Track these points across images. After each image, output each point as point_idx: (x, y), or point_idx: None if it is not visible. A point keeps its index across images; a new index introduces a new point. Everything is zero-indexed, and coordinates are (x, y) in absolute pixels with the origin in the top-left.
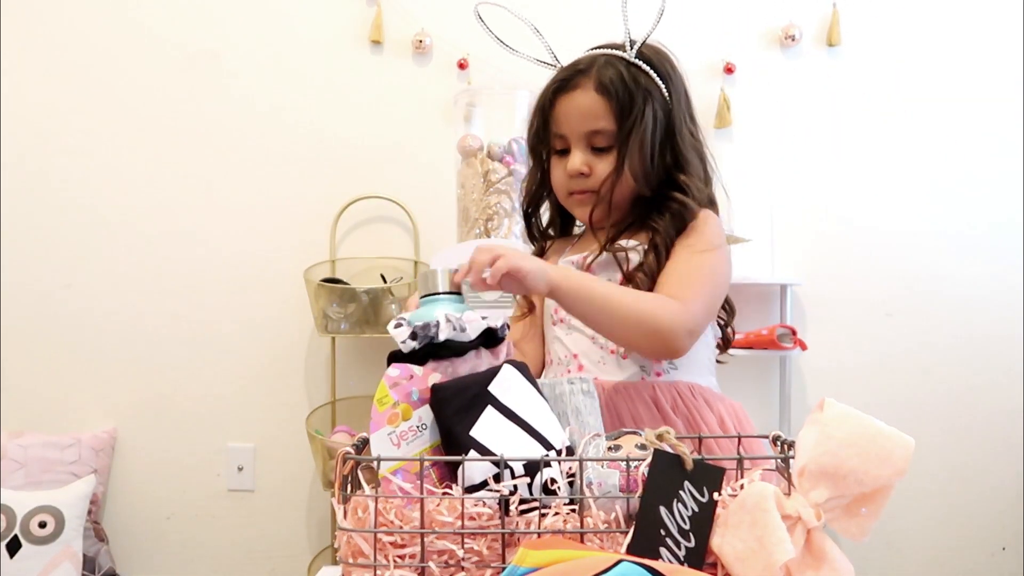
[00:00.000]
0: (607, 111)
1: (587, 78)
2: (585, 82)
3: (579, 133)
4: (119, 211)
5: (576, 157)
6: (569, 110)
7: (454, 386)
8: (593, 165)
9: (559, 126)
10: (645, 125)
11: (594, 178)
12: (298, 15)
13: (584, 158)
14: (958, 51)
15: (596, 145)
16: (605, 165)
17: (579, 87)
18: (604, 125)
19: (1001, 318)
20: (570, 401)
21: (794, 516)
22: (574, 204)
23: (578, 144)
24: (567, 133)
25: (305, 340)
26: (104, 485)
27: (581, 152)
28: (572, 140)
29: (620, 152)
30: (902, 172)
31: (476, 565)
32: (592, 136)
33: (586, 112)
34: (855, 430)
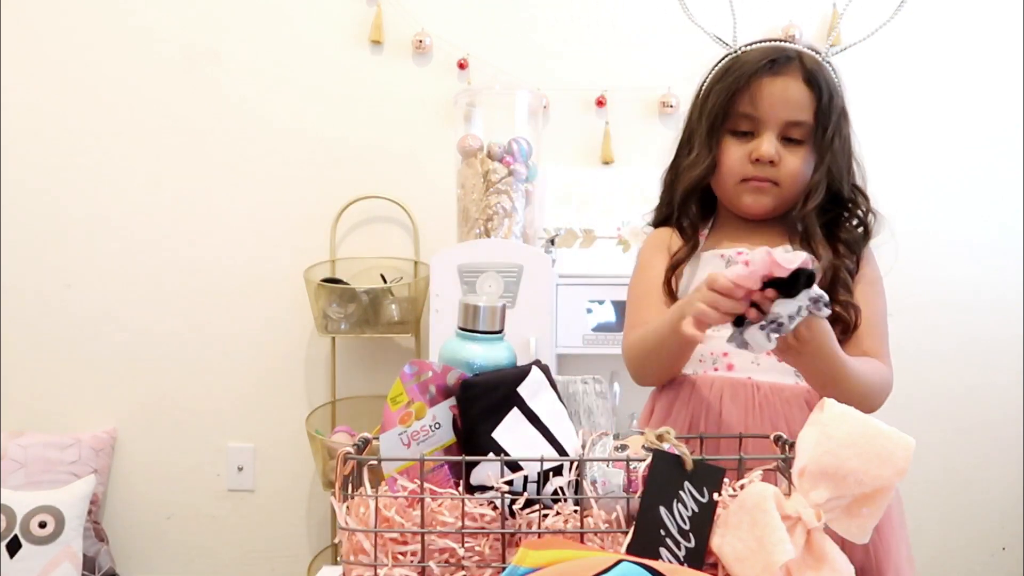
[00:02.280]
0: (810, 105)
1: (794, 65)
2: (793, 69)
3: (778, 119)
4: (119, 211)
5: (768, 142)
6: (773, 93)
7: (484, 384)
8: (783, 156)
9: (754, 107)
10: (849, 127)
11: (780, 171)
12: (298, 15)
13: (776, 146)
14: (958, 51)
15: (790, 136)
16: (794, 159)
17: (787, 73)
18: (804, 118)
19: (1001, 319)
20: (583, 401)
21: (794, 516)
22: (747, 191)
23: (772, 130)
24: (763, 116)
25: (305, 340)
26: (104, 485)
27: (773, 138)
28: (766, 125)
29: (822, 149)
30: (902, 172)
31: (476, 564)
32: (789, 126)
33: (791, 99)
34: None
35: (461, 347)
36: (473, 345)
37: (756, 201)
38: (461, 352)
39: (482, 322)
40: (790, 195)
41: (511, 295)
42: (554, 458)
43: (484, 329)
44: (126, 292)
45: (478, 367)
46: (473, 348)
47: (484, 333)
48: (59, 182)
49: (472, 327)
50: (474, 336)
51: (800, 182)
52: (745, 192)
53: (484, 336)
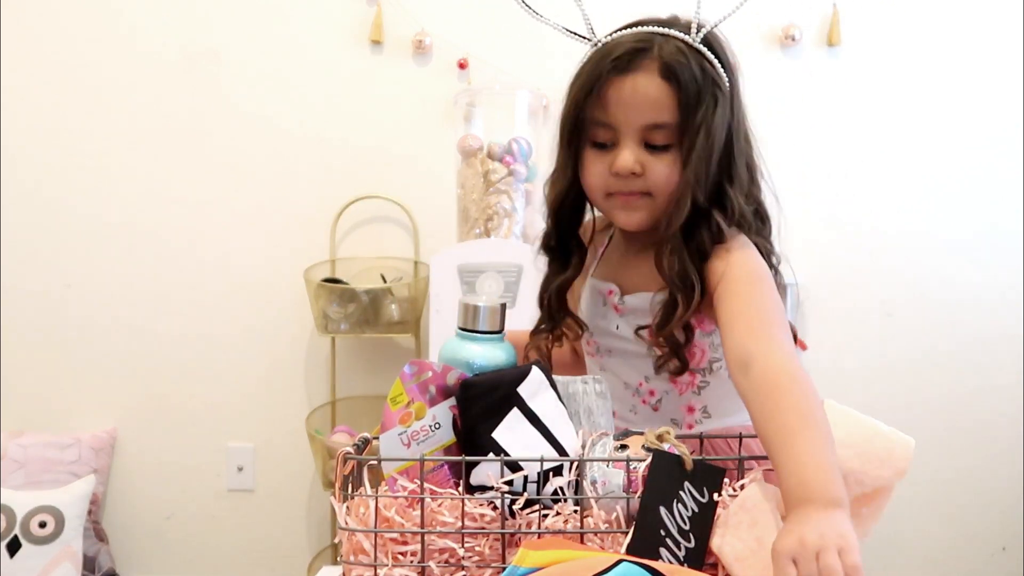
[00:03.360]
0: (671, 102)
1: (650, 60)
2: (648, 64)
3: (635, 125)
4: (119, 211)
5: (627, 154)
6: (625, 96)
7: (484, 384)
8: (647, 165)
9: (608, 114)
10: (716, 124)
11: (647, 181)
12: (298, 15)
13: (637, 155)
14: (958, 51)
15: (653, 142)
16: (661, 166)
17: (640, 69)
18: (666, 119)
19: (1001, 319)
20: (583, 401)
21: None
22: (616, 207)
23: (631, 138)
24: (618, 124)
25: (305, 340)
26: (104, 485)
27: (633, 148)
28: (623, 133)
29: (687, 152)
30: (902, 172)
31: (476, 565)
32: (650, 131)
33: (646, 101)
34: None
35: (461, 347)
36: (473, 345)
37: (628, 217)
38: (461, 352)
39: (482, 322)
40: (666, 204)
41: (511, 295)
42: (554, 458)
43: (484, 329)
44: (126, 292)
45: (478, 367)
46: (473, 348)
47: (484, 333)
48: (59, 182)
49: (472, 327)
50: (474, 336)
51: (671, 189)
52: (615, 208)
53: (484, 336)
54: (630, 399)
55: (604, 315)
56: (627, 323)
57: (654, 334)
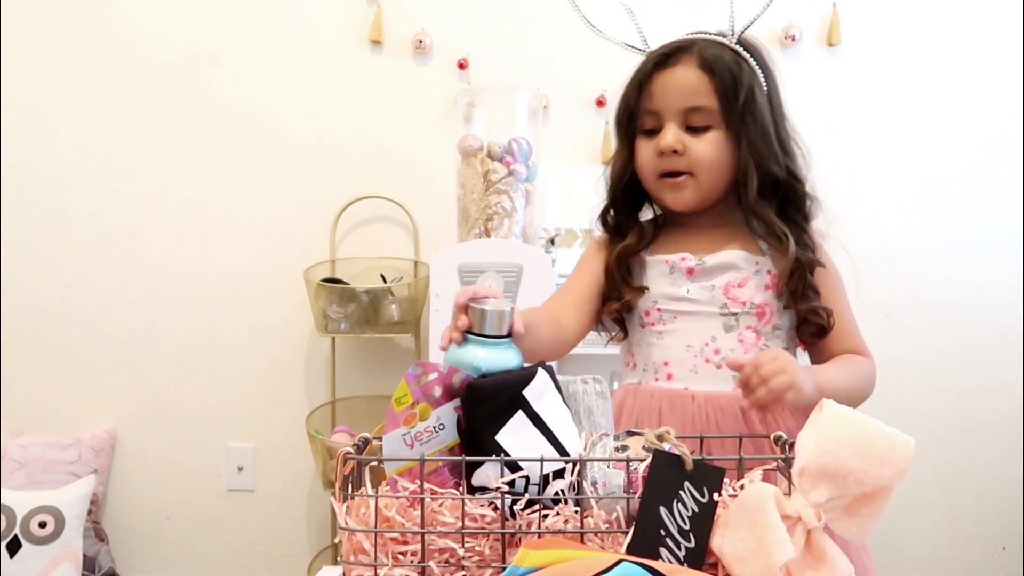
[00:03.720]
0: (709, 88)
1: (689, 55)
2: (687, 58)
3: (675, 109)
4: (119, 211)
5: (669, 133)
6: (667, 85)
7: (490, 386)
8: (688, 144)
9: (652, 102)
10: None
11: (689, 159)
12: (298, 15)
13: (678, 135)
14: (958, 51)
15: (693, 124)
16: (703, 145)
17: (680, 63)
18: (705, 102)
19: (1001, 318)
20: (583, 401)
21: (794, 516)
22: (664, 188)
23: (672, 120)
24: (661, 109)
25: (305, 340)
26: (104, 485)
27: (675, 129)
28: (666, 116)
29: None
30: (902, 172)
31: (476, 565)
32: (689, 113)
33: (685, 87)
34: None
35: (467, 351)
36: (479, 349)
37: (676, 198)
38: (466, 356)
39: (489, 326)
40: (709, 183)
41: (511, 295)
42: (554, 459)
43: (491, 333)
44: (126, 292)
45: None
46: (479, 352)
47: (491, 337)
48: (59, 183)
49: (479, 331)
50: (481, 340)
51: (715, 167)
52: (664, 190)
53: (491, 340)
54: (691, 360)
55: (672, 282)
56: (700, 286)
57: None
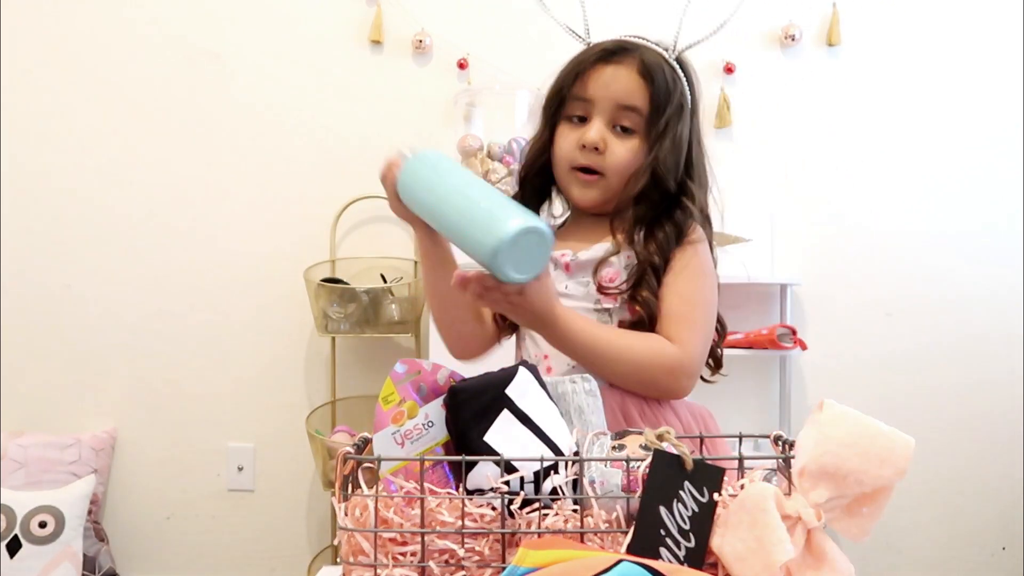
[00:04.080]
0: (644, 94)
1: (632, 57)
2: (630, 60)
3: (609, 103)
4: (119, 211)
5: (595, 128)
6: (606, 78)
7: (471, 389)
8: (610, 145)
9: (587, 90)
10: (683, 120)
11: (606, 160)
12: (298, 15)
13: (602, 132)
14: (958, 51)
15: (621, 123)
16: (623, 148)
17: (623, 62)
18: (637, 103)
19: (1001, 318)
20: (573, 400)
21: (794, 516)
22: (574, 182)
23: (602, 115)
24: (595, 99)
25: (305, 340)
26: (104, 485)
27: (601, 126)
28: (596, 109)
29: (652, 140)
30: (902, 172)
31: (476, 565)
32: (621, 112)
33: (623, 85)
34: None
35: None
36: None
37: (583, 194)
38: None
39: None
40: (617, 187)
41: None
42: (555, 458)
43: None
44: (126, 292)
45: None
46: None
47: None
48: (59, 182)
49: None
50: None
51: (627, 173)
52: (573, 183)
53: None
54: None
55: (555, 278)
56: (576, 282)
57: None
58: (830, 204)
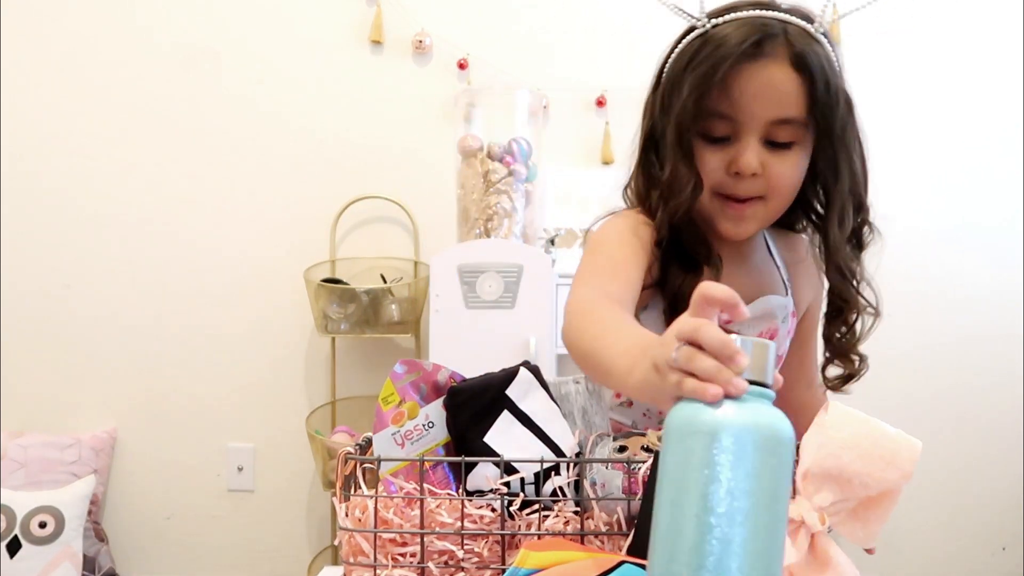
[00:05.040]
0: (801, 96)
1: (781, 46)
2: (779, 50)
3: (761, 120)
4: (119, 211)
5: (751, 153)
6: (755, 87)
7: (471, 389)
8: (768, 164)
9: (730, 105)
10: (858, 125)
11: (767, 181)
12: (298, 15)
13: (760, 154)
14: (958, 50)
15: (775, 139)
16: (784, 167)
17: (770, 56)
18: (795, 114)
19: (1001, 318)
20: (576, 401)
21: (797, 520)
22: (724, 217)
23: (754, 134)
24: (742, 117)
25: (305, 340)
26: (104, 485)
27: (756, 145)
28: (746, 127)
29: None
30: (902, 172)
31: (476, 566)
32: (775, 127)
33: (777, 93)
34: (859, 432)
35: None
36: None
37: (737, 228)
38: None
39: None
40: (777, 212)
41: (511, 295)
42: (555, 459)
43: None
44: (126, 292)
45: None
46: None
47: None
48: (59, 182)
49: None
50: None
51: (792, 194)
52: (722, 216)
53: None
54: None
55: None
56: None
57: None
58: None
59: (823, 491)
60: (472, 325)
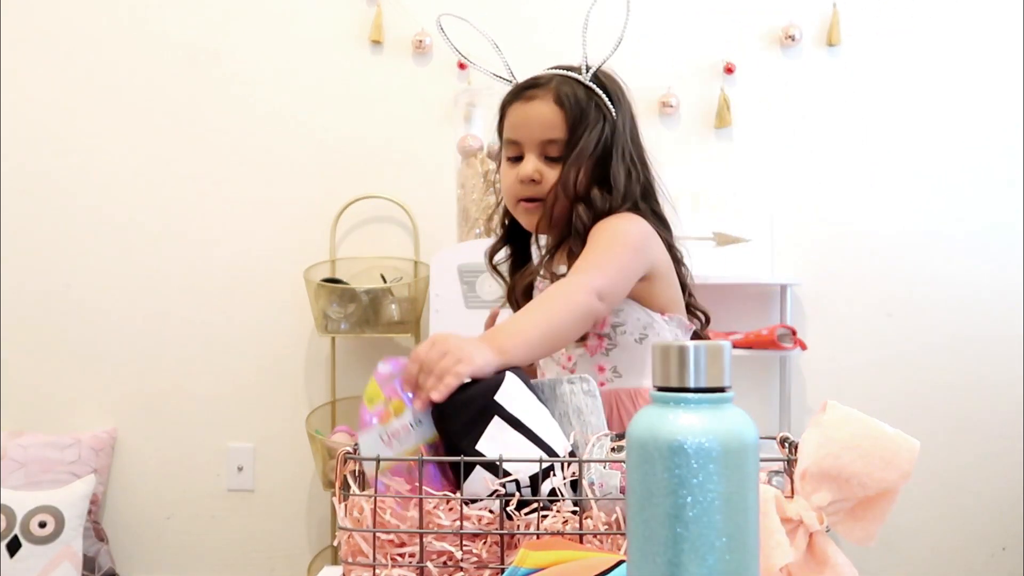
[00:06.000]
0: (561, 122)
1: (545, 90)
2: (543, 93)
3: (534, 140)
4: (119, 211)
5: (529, 163)
6: (526, 118)
7: (458, 400)
8: (544, 173)
9: (514, 132)
10: (589, 140)
11: (544, 186)
12: (298, 15)
13: (536, 165)
14: (958, 51)
15: (549, 154)
16: (554, 174)
17: (537, 97)
18: (558, 135)
19: (1001, 318)
20: (571, 401)
21: (796, 520)
22: (522, 212)
23: (532, 151)
24: (522, 140)
25: (305, 340)
26: (104, 485)
27: (534, 158)
28: (526, 147)
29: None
30: (902, 172)
31: (475, 566)
32: (546, 145)
33: (542, 120)
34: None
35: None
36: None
37: (529, 219)
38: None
39: (695, 374)
40: (557, 207)
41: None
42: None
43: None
44: (126, 292)
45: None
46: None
47: (701, 392)
48: (59, 182)
49: (680, 384)
50: (684, 399)
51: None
52: (520, 212)
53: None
54: (553, 366)
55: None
56: None
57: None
58: (830, 204)
59: (821, 491)
60: (472, 325)
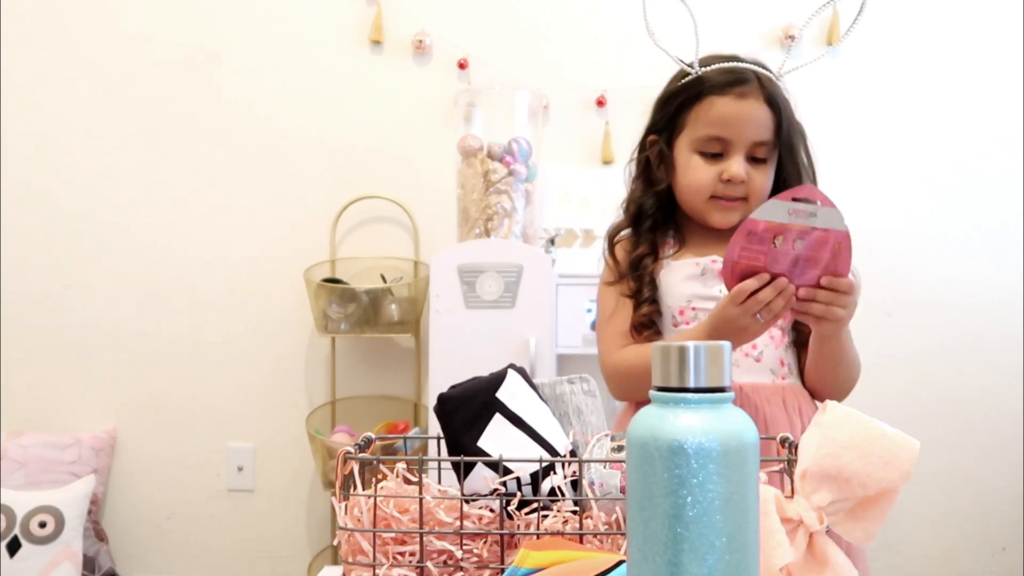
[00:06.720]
0: (772, 124)
1: (756, 88)
2: (754, 92)
3: (745, 141)
4: (119, 211)
5: (738, 164)
6: (739, 116)
7: (461, 395)
8: (750, 174)
9: (722, 129)
10: (797, 147)
11: (748, 188)
12: (298, 15)
13: (745, 167)
14: (958, 51)
15: (756, 155)
16: (761, 177)
17: (750, 96)
18: (767, 137)
19: (1001, 318)
20: (571, 401)
21: (796, 520)
22: (714, 209)
23: (740, 151)
24: (731, 138)
25: (305, 340)
26: (104, 485)
27: (742, 159)
28: (735, 146)
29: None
30: (902, 172)
31: (475, 566)
32: (755, 146)
33: (756, 121)
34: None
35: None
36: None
37: (725, 218)
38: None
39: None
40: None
41: (511, 295)
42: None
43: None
44: (126, 292)
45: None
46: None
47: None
48: (59, 182)
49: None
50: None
51: (764, 195)
52: (714, 210)
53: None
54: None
55: (704, 283)
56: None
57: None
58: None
59: (821, 491)
60: (472, 325)
